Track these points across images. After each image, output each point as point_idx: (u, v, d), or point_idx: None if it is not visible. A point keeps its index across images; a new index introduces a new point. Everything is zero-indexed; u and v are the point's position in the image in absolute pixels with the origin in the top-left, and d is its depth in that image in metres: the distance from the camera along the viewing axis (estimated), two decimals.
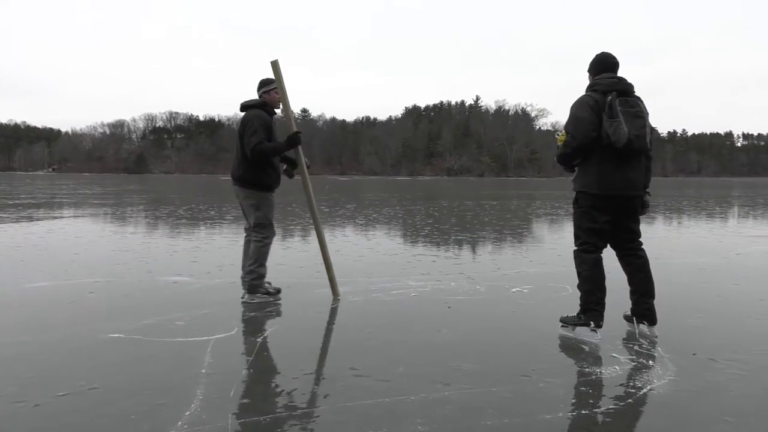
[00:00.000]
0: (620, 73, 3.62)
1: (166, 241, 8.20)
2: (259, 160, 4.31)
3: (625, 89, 3.46)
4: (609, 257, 3.67)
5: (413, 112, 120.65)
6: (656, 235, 10.03)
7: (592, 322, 3.53)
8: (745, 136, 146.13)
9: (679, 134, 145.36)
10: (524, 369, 3.01)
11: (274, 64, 4.28)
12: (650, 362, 3.16)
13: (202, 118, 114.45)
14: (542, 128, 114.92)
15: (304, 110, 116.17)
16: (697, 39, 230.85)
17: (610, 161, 3.45)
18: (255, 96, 4.59)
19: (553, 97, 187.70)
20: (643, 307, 3.64)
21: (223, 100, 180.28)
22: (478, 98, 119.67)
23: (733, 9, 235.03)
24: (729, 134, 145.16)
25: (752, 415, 2.48)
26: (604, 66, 3.57)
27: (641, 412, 2.55)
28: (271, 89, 4.43)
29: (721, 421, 2.43)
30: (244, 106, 4.46)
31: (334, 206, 16.35)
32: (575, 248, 3.69)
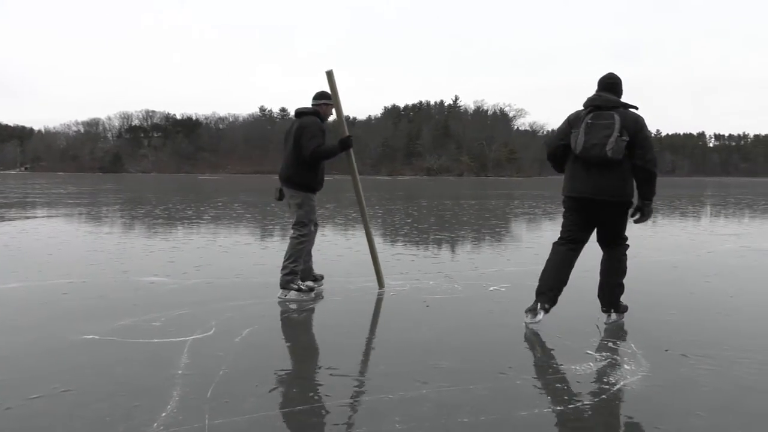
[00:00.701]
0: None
1: (143, 242, 8.10)
2: (316, 161, 4.67)
3: (600, 105, 3.75)
4: (590, 257, 3.72)
5: (393, 112, 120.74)
6: (631, 234, 10.18)
7: (535, 305, 3.85)
8: (717, 137, 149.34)
9: (654, 135, 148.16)
10: (501, 366, 3.05)
11: (329, 74, 4.66)
12: (624, 358, 3.22)
13: (179, 117, 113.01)
14: (520, 128, 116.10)
15: (283, 110, 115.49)
16: (671, 42, 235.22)
17: (577, 168, 3.79)
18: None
19: (531, 98, 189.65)
20: (604, 297, 3.99)
21: (200, 98, 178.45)
22: (457, 98, 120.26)
23: (706, 13, 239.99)
24: (702, 135, 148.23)
25: (723, 410, 2.54)
26: (597, 86, 3.90)
27: (615, 408, 2.59)
28: (324, 103, 4.77)
29: (692, 416, 2.49)
30: (300, 113, 4.77)
31: None
32: None
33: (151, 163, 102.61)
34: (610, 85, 3.84)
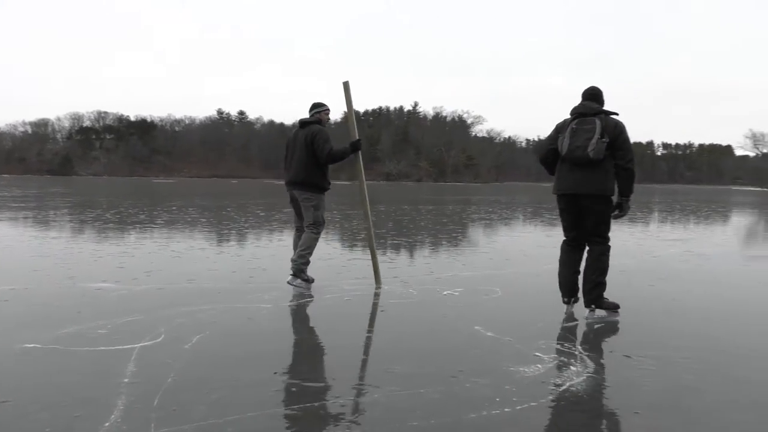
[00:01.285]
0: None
1: (91, 247, 7.85)
2: (331, 163, 5.25)
3: (583, 112, 4.23)
4: (549, 259, 3.80)
5: None
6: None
7: (563, 297, 4.44)
8: (665, 146, 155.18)
9: None
10: (452, 370, 3.09)
11: (346, 85, 5.29)
12: (571, 360, 3.31)
13: (133, 119, 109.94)
14: (478, 135, 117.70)
15: (241, 112, 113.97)
16: (622, 54, 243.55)
17: (564, 168, 4.28)
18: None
19: (489, 106, 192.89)
20: (586, 293, 4.30)
21: (155, 100, 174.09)
22: (416, 104, 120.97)
23: (656, 25, 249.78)
24: (650, 144, 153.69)
25: (660, 408, 2.65)
26: (582, 96, 4.39)
27: (560, 408, 2.66)
28: (321, 111, 5.39)
29: (631, 414, 2.58)
30: (304, 122, 5.32)
31: (271, 210, 16.14)
32: None
33: (103, 165, 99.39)
34: (592, 95, 4.33)
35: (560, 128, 4.31)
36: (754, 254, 8.64)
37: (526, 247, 8.45)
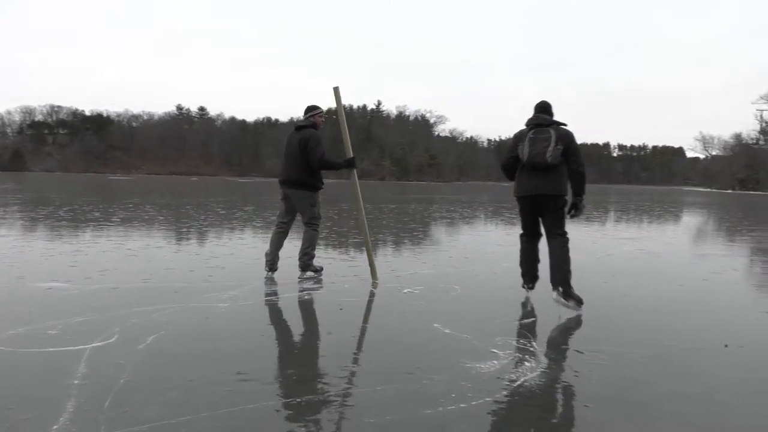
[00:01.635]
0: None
1: (42, 245, 7.59)
2: (322, 169, 5.51)
3: (539, 123, 4.73)
4: (504, 258, 3.87)
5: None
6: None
7: (524, 284, 5.10)
8: (621, 147, 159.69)
9: None
10: (409, 367, 3.12)
11: (336, 91, 5.36)
12: (525, 356, 3.39)
13: (88, 113, 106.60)
14: (441, 134, 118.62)
15: (202, 108, 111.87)
16: (580, 56, 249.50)
17: (524, 173, 4.77)
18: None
19: (451, 105, 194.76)
20: (553, 277, 4.72)
21: (112, 94, 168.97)
22: (379, 103, 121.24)
23: (611, 30, 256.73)
24: (607, 145, 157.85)
25: (609, 401, 2.74)
26: (535, 109, 4.88)
27: (514, 403, 2.72)
28: (315, 114, 5.62)
29: (581, 408, 2.66)
30: (299, 126, 5.57)
31: (231, 208, 15.92)
32: None
33: (56, 161, 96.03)
34: (544, 108, 4.87)
35: (519, 138, 4.81)
36: (701, 252, 8.99)
37: (486, 246, 8.58)
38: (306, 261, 5.57)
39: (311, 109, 5.63)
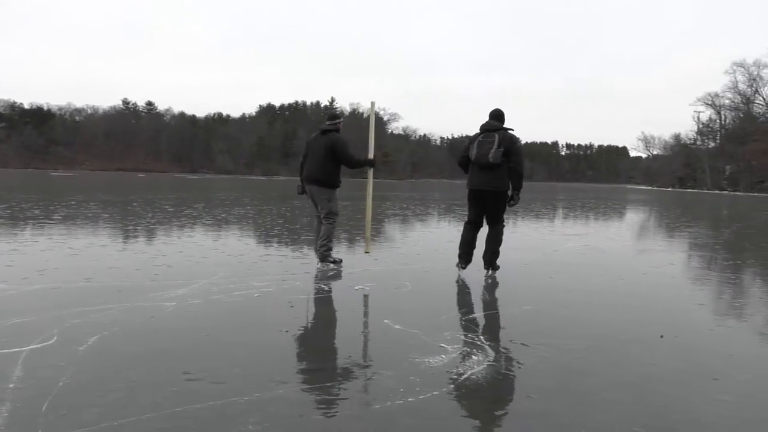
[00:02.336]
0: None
1: None
2: (353, 167, 6.28)
3: (488, 128, 5.62)
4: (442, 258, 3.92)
5: (268, 111, 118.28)
6: None
7: (458, 264, 5.85)
8: (568, 146, 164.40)
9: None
10: (359, 363, 3.14)
11: (372, 104, 6.43)
12: (473, 350, 3.46)
13: (27, 107, 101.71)
14: (394, 132, 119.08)
15: (149, 103, 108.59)
16: (529, 56, 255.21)
17: (474, 170, 5.67)
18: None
19: (404, 103, 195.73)
20: (485, 258, 5.78)
21: (53, 86, 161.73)
22: (333, 99, 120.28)
23: (554, 30, 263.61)
24: (555, 144, 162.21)
25: (553, 391, 2.83)
26: (489, 115, 5.74)
27: (461, 396, 2.78)
28: (340, 122, 6.33)
29: (525, 398, 2.74)
30: (326, 130, 6.19)
31: (180, 206, 15.54)
32: None
33: None
34: (497, 116, 5.72)
35: (471, 140, 5.68)
36: (641, 248, 9.37)
37: (437, 243, 8.68)
38: (324, 252, 6.07)
39: (335, 117, 6.35)
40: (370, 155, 6.25)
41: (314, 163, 6.14)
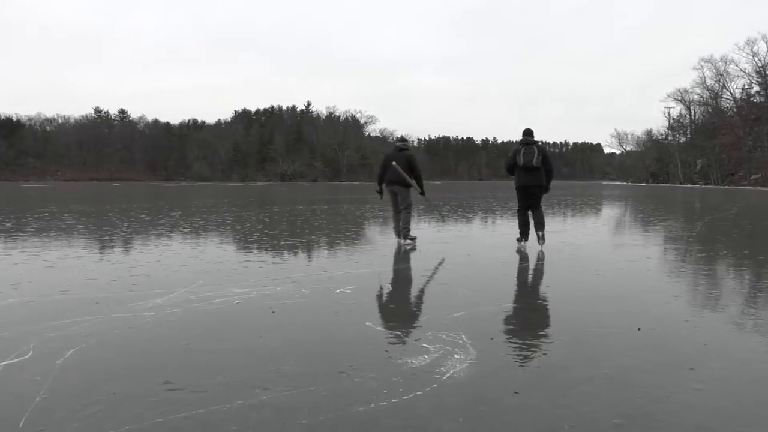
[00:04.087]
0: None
1: None
2: (419, 178, 8.75)
3: (527, 142, 7.98)
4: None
5: (243, 116, 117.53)
6: (471, 233, 10.99)
7: (520, 238, 8.30)
8: (544, 144, 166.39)
9: (491, 142, 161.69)
10: (341, 366, 3.14)
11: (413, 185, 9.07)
12: (455, 349, 3.48)
13: None
14: (372, 134, 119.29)
15: (122, 111, 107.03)
16: (496, 56, 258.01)
17: (521, 172, 8.02)
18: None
19: (381, 106, 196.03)
20: (537, 227, 8.13)
21: (22, 97, 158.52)
22: (309, 103, 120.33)
23: (527, 29, 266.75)
24: None
25: (534, 386, 2.86)
26: (523, 133, 8.11)
27: (443, 394, 2.79)
28: (408, 143, 9.25)
29: (509, 395, 2.77)
30: (402, 148, 8.92)
31: (157, 214, 15.35)
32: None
33: None
34: (530, 133, 8.08)
35: (516, 151, 7.99)
36: (617, 242, 9.52)
37: (418, 244, 8.70)
38: (406, 232, 8.55)
39: (405, 140, 9.23)
40: (424, 192, 9.02)
41: (396, 172, 8.52)
